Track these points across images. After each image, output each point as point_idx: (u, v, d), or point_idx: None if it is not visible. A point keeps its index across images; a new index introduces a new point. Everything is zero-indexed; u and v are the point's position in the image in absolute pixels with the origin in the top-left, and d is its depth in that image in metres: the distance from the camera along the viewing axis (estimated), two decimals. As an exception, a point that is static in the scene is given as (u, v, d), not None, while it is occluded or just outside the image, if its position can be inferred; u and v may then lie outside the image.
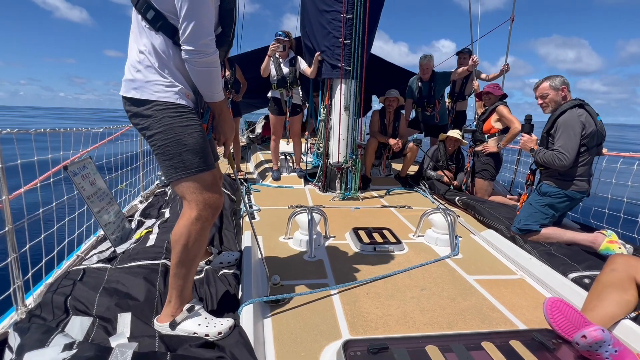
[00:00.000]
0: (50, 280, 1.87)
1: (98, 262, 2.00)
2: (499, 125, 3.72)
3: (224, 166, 4.96)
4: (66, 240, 2.12)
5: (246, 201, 3.26)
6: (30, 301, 1.73)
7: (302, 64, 4.03)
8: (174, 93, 1.34)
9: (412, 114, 5.02)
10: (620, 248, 2.21)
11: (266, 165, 4.82)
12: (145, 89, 1.33)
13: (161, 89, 1.33)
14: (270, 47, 3.88)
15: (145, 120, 1.34)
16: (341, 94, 3.71)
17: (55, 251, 2.01)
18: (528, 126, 2.69)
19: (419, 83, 4.66)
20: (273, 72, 4.03)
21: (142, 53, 1.33)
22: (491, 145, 3.73)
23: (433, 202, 3.66)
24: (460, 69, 4.62)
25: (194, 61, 1.31)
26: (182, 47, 1.30)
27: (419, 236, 2.66)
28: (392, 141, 4.23)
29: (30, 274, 1.77)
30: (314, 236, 2.30)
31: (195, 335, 1.42)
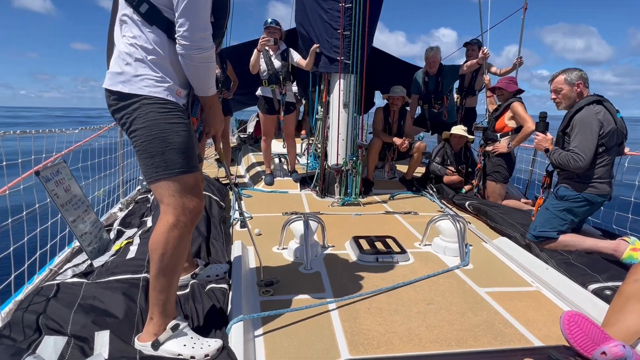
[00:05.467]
0: (20, 297, 1.87)
1: (73, 276, 2.00)
2: (512, 124, 3.72)
3: (212, 170, 4.97)
4: (38, 253, 2.12)
5: (236, 207, 3.26)
6: (-2, 320, 1.73)
7: (296, 56, 4.02)
8: (164, 89, 1.37)
9: (418, 111, 5.04)
10: (645, 256, 2.22)
11: (258, 169, 4.83)
12: (133, 82, 1.34)
13: (151, 84, 1.35)
14: (260, 40, 3.82)
15: (130, 115, 1.36)
16: (340, 90, 3.71)
17: (26, 265, 2.00)
18: (542, 124, 2.70)
19: (425, 77, 4.67)
20: (263, 67, 4.00)
21: (132, 45, 1.35)
22: (502, 145, 3.74)
23: (441, 208, 3.66)
24: (469, 62, 4.63)
25: (192, 57, 1.33)
26: (178, 42, 1.32)
27: (425, 245, 2.66)
28: (397, 140, 4.23)
29: (-2, 290, 1.77)
30: (311, 246, 2.30)
31: (180, 357, 1.42)
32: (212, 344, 1.45)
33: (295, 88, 4.92)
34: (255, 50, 3.89)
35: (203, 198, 1.48)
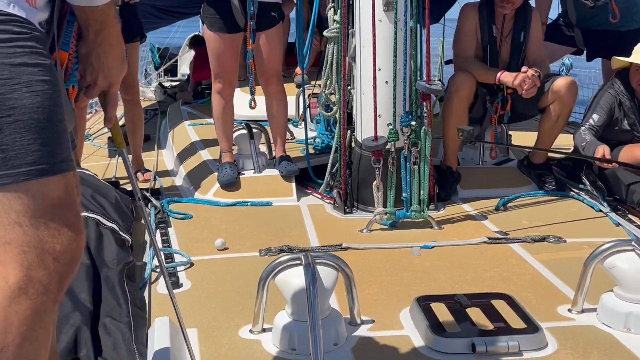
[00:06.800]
0: None
1: None
2: None
3: (100, 164, 4.99)
4: None
5: (157, 244, 3.28)
6: None
7: None
8: None
9: (555, 11, 5.04)
10: None
11: (205, 154, 4.93)
12: None
13: None
14: None
15: None
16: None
17: None
18: None
19: None
20: None
21: None
22: None
23: (616, 225, 3.71)
24: None
25: None
26: None
27: (583, 311, 2.71)
28: (511, 78, 4.22)
29: None
30: (323, 321, 2.30)
31: None
32: None
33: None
34: None
35: (82, 228, 1.53)
